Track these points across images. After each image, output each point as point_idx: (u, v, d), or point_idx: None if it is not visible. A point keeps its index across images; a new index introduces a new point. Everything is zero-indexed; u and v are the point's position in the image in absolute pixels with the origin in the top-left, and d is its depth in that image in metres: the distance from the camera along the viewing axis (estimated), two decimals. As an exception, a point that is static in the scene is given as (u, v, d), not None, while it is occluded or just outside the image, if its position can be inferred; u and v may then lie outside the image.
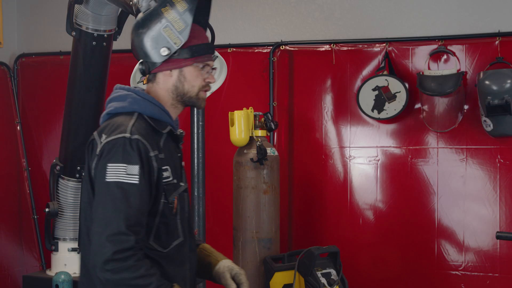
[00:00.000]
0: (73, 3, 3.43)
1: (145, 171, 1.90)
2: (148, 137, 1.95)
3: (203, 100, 2.10)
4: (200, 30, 2.10)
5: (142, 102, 2.03)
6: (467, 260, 4.03)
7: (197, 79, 2.07)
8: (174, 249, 2.01)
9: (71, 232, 3.99)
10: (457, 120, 4.01)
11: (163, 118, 2.04)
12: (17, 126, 4.95)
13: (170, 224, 2.00)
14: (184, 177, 2.12)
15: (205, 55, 2.07)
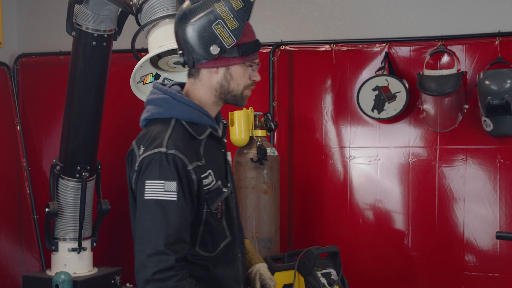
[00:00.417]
0: (73, 3, 3.43)
1: (184, 186, 1.84)
2: (186, 147, 1.89)
3: (246, 98, 2.05)
4: (249, 26, 2.01)
5: (179, 107, 1.95)
6: (467, 260, 4.03)
7: (243, 77, 2.01)
8: (222, 250, 1.99)
9: (71, 232, 3.99)
10: (457, 120, 4.01)
11: (202, 121, 1.97)
12: (17, 126, 4.95)
13: (216, 230, 1.97)
14: (229, 173, 2.07)
15: (255, 53, 2.00)
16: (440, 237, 4.09)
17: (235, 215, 2.05)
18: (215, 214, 1.94)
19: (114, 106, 4.51)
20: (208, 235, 1.94)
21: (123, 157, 4.34)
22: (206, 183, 1.91)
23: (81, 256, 4.01)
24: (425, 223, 4.12)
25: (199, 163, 1.90)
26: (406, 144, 4.16)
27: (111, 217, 4.33)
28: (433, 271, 4.10)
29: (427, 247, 4.11)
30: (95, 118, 3.88)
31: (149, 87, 2.84)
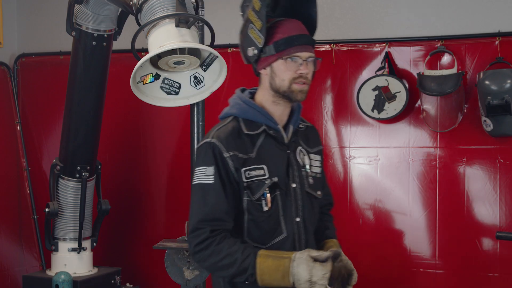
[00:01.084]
0: (73, 3, 3.43)
1: (221, 171, 2.05)
2: (230, 139, 2.08)
3: (298, 92, 2.13)
4: (291, 23, 2.12)
5: (239, 106, 2.18)
6: (467, 260, 4.03)
7: (286, 72, 2.11)
8: (277, 244, 2.09)
9: (71, 232, 4.00)
10: (457, 120, 4.00)
11: (257, 119, 2.14)
12: (17, 126, 4.95)
13: (261, 222, 2.09)
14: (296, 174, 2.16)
15: (292, 47, 2.08)
16: (440, 237, 4.09)
17: (293, 214, 2.13)
18: (259, 206, 2.08)
19: (114, 106, 4.51)
20: (254, 226, 2.10)
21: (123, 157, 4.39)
22: (250, 175, 2.08)
23: (81, 256, 4.01)
24: (425, 223, 4.12)
25: (242, 155, 2.08)
26: (406, 144, 4.16)
27: (111, 217, 4.34)
28: (433, 271, 4.10)
29: (427, 247, 4.11)
30: (95, 118, 3.88)
31: (149, 87, 2.84)
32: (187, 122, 3.32)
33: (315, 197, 2.23)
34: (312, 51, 2.14)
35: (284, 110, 2.20)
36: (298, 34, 2.11)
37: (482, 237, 4.00)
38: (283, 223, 2.12)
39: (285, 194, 2.13)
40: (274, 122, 2.17)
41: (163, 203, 4.74)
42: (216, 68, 2.87)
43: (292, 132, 2.21)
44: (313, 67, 2.16)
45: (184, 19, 2.73)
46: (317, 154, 2.29)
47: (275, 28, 2.13)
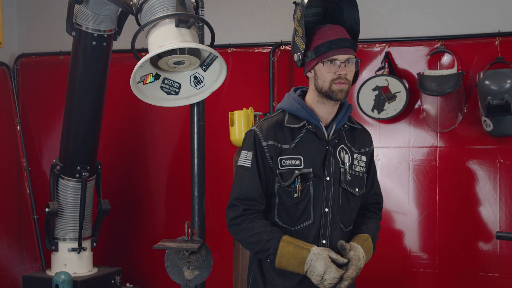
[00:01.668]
0: (73, 3, 3.43)
1: (258, 157, 2.33)
2: (272, 129, 2.34)
3: (338, 91, 2.31)
4: (331, 29, 2.33)
5: (288, 101, 2.42)
6: (467, 260, 4.03)
7: (326, 74, 2.31)
8: (304, 229, 2.33)
9: (71, 232, 4.00)
10: (457, 120, 4.01)
11: (300, 114, 2.37)
12: (17, 126, 4.95)
13: (290, 206, 2.33)
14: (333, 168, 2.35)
15: (330, 51, 2.28)
16: (440, 237, 4.09)
17: (323, 205, 2.33)
18: (289, 192, 2.32)
19: (114, 106, 4.51)
20: (283, 209, 2.35)
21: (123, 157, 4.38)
22: (285, 163, 2.32)
23: (81, 256, 4.01)
24: (425, 223, 4.12)
25: (280, 145, 2.33)
26: (406, 144, 4.16)
27: (111, 217, 4.34)
28: (433, 271, 4.10)
29: (427, 247, 4.11)
30: (95, 118, 3.88)
31: (149, 87, 2.84)
32: (187, 122, 3.32)
33: (352, 194, 2.40)
34: (351, 53, 2.31)
35: (329, 109, 2.38)
36: (336, 39, 2.30)
37: (482, 237, 4.00)
38: (312, 210, 2.33)
39: (317, 185, 2.33)
40: (316, 119, 2.36)
41: (163, 203, 4.74)
42: (216, 68, 2.87)
43: (335, 130, 2.38)
44: (354, 67, 2.34)
45: (184, 19, 2.73)
46: (362, 155, 2.45)
47: (317, 35, 2.34)
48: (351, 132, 2.45)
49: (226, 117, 3.78)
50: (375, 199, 2.55)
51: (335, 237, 2.35)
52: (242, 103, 3.85)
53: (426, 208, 4.12)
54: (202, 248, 2.48)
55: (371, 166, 2.50)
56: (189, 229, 2.50)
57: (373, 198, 2.54)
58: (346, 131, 2.43)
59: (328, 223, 2.35)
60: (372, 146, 2.51)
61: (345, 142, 2.42)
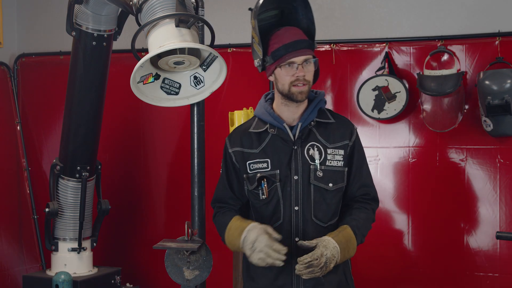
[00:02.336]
0: (73, 3, 3.43)
1: (227, 163, 2.49)
2: (239, 136, 2.47)
3: (298, 93, 2.36)
4: (286, 31, 2.37)
5: (258, 107, 2.51)
6: (467, 260, 4.03)
7: (285, 77, 2.35)
8: (276, 229, 2.36)
9: (71, 232, 4.00)
10: (457, 120, 4.01)
11: (264, 118, 2.45)
12: (17, 126, 4.95)
13: (260, 208, 2.43)
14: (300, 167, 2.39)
15: (286, 54, 2.32)
16: (440, 237, 4.09)
17: (292, 203, 2.38)
18: (256, 194, 2.42)
19: (114, 106, 4.51)
20: (255, 211, 2.47)
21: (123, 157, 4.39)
22: (253, 167, 2.42)
23: (81, 256, 4.01)
24: (425, 223, 4.12)
25: (246, 150, 2.43)
26: (406, 144, 4.16)
27: (111, 217, 4.34)
28: (433, 271, 4.10)
29: (427, 247, 4.11)
30: (95, 118, 3.88)
31: (149, 87, 2.84)
32: (187, 122, 3.31)
33: (325, 189, 2.40)
34: (308, 54, 2.34)
35: (293, 110, 2.42)
36: (291, 41, 2.33)
37: (482, 237, 4.00)
38: (282, 210, 2.40)
39: (285, 185, 2.38)
40: (279, 121, 2.41)
41: (163, 203, 4.74)
42: (216, 68, 2.87)
43: (300, 129, 2.40)
44: (312, 67, 2.36)
45: (184, 19, 2.73)
46: (339, 149, 2.43)
47: (273, 39, 2.37)
48: (325, 127, 2.45)
49: (226, 117, 3.78)
50: (364, 191, 2.51)
51: (308, 233, 2.38)
52: (242, 103, 3.85)
53: (426, 208, 4.12)
54: (202, 248, 2.48)
55: (353, 159, 2.47)
56: (189, 229, 2.50)
57: (361, 190, 2.51)
58: (318, 127, 2.44)
59: (299, 221, 2.39)
60: (352, 139, 2.47)
61: (317, 138, 2.43)
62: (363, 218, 2.46)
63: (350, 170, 2.47)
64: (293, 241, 2.38)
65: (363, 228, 2.45)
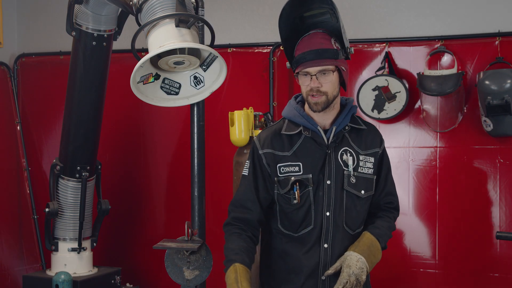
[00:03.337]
0: (73, 3, 3.43)
1: (255, 165, 2.38)
2: (270, 137, 2.37)
3: (313, 104, 2.31)
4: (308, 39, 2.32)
5: (288, 108, 2.42)
6: (467, 260, 4.03)
7: (302, 86, 2.32)
8: (305, 234, 2.33)
9: (71, 232, 4.00)
10: (457, 120, 4.01)
11: (297, 120, 2.37)
12: (17, 126, 4.95)
13: (290, 212, 2.34)
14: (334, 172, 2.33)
15: (301, 64, 2.29)
16: (440, 237, 4.09)
17: (324, 209, 2.32)
18: (288, 199, 2.33)
19: (114, 106, 4.51)
20: (284, 216, 2.36)
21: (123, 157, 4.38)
22: (284, 170, 2.33)
23: (81, 256, 4.01)
24: (425, 223, 4.12)
25: (278, 152, 2.35)
26: (406, 144, 4.16)
27: (111, 217, 4.34)
28: (433, 271, 4.10)
29: (427, 247, 4.11)
30: (95, 118, 3.88)
31: (149, 87, 2.84)
32: (187, 122, 3.32)
33: (358, 196, 2.36)
34: (325, 64, 2.27)
35: (323, 115, 2.36)
36: (308, 51, 2.29)
37: (482, 237, 4.00)
38: (313, 215, 2.33)
39: (317, 190, 2.32)
40: (313, 124, 2.35)
41: (163, 203, 4.74)
42: (216, 68, 2.87)
43: (335, 133, 2.35)
44: (331, 78, 2.29)
45: (184, 19, 2.73)
46: (369, 156, 2.40)
47: (300, 43, 2.35)
48: (357, 134, 2.42)
49: (226, 117, 3.78)
50: (388, 199, 2.50)
51: (337, 240, 2.34)
52: (242, 103, 3.85)
53: (426, 208, 4.12)
54: (202, 248, 2.48)
55: (382, 167, 2.46)
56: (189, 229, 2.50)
57: (386, 198, 2.50)
58: (351, 133, 2.40)
59: (330, 227, 2.33)
60: (382, 146, 2.46)
61: (350, 144, 2.39)
62: (385, 227, 2.44)
63: (378, 178, 2.45)
64: (321, 247, 2.33)
65: (385, 236, 2.43)
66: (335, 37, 2.34)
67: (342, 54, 2.33)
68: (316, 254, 2.32)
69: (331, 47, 2.30)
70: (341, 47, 2.34)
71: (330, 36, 2.33)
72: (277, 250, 2.41)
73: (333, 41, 2.32)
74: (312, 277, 2.33)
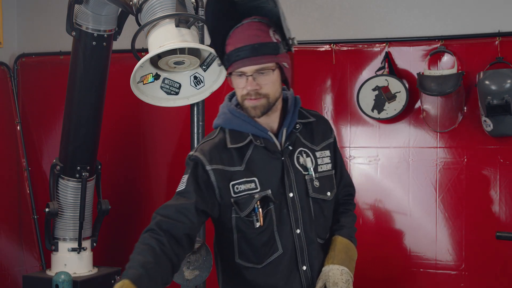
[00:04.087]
0: (73, 3, 3.43)
1: (197, 180, 1.95)
2: (215, 152, 1.97)
3: (251, 108, 1.94)
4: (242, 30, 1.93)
5: (224, 116, 2.02)
6: (467, 260, 4.03)
7: (237, 89, 1.96)
8: (274, 263, 1.97)
9: (71, 232, 4.00)
10: (457, 120, 4.01)
11: (242, 129, 1.99)
12: (17, 126, 4.95)
13: (252, 239, 1.96)
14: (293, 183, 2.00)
15: (236, 62, 1.90)
16: (440, 237, 4.09)
17: (292, 227, 1.99)
18: (250, 222, 1.95)
19: (114, 106, 4.51)
20: (245, 245, 1.97)
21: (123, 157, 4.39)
22: (239, 189, 1.94)
23: (81, 256, 4.01)
24: (425, 223, 4.12)
25: (229, 168, 1.95)
26: (406, 144, 4.16)
27: (111, 217, 4.34)
28: (433, 271, 4.10)
29: (427, 247, 4.11)
30: (95, 118, 3.88)
31: (149, 87, 2.84)
32: (187, 122, 3.32)
33: (324, 200, 2.06)
34: (262, 62, 1.88)
35: (270, 116, 2.00)
36: (242, 46, 1.89)
37: (482, 237, 4.00)
38: (277, 238, 1.97)
39: (280, 207, 1.97)
40: (263, 130, 1.99)
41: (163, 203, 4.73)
42: (216, 68, 2.87)
43: (286, 135, 2.02)
44: (271, 77, 1.92)
45: (184, 19, 2.73)
46: (325, 150, 2.10)
47: (231, 36, 1.94)
48: (306, 129, 2.08)
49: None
50: (347, 191, 2.24)
51: (314, 257, 2.03)
52: (242, 103, 3.84)
53: (426, 208, 4.11)
54: (202, 248, 2.48)
55: (336, 158, 2.16)
56: (189, 229, 2.49)
57: (344, 190, 2.22)
58: (302, 130, 2.06)
59: (303, 246, 2.00)
60: (333, 135, 2.15)
61: (303, 142, 2.06)
62: (350, 222, 2.17)
63: (335, 172, 2.16)
64: (300, 270, 2.00)
65: (353, 232, 2.15)
66: (274, 27, 1.94)
67: (284, 47, 1.93)
68: (297, 280, 2.00)
69: (270, 39, 1.90)
70: (281, 39, 1.93)
71: (268, 26, 1.93)
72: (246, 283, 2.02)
73: (272, 32, 1.93)
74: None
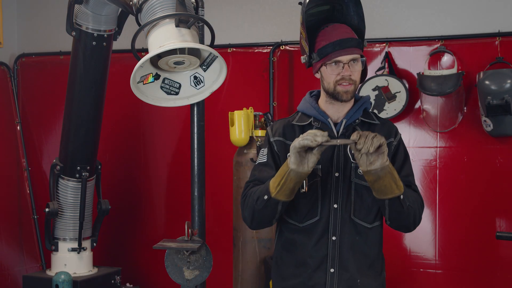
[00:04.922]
0: (73, 3, 3.43)
1: (270, 151, 2.39)
2: (282, 127, 2.40)
3: (343, 93, 2.31)
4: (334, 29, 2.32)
5: (302, 102, 2.45)
6: (467, 260, 4.03)
7: (330, 76, 2.31)
8: (310, 225, 2.33)
9: (71, 232, 4.00)
10: (457, 120, 4.01)
11: (308, 112, 2.40)
12: (17, 126, 4.95)
13: (297, 202, 2.32)
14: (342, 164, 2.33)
15: (332, 53, 2.28)
16: (440, 237, 4.09)
17: (331, 201, 2.32)
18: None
19: (114, 106, 4.51)
20: (291, 205, 2.32)
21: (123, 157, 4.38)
22: None
23: (81, 256, 4.01)
24: (425, 223, 4.12)
25: (288, 141, 2.35)
26: (406, 144, 4.12)
27: (111, 217, 4.34)
28: (433, 271, 4.10)
29: (427, 247, 4.11)
30: (95, 118, 3.88)
31: (149, 87, 2.84)
32: (187, 122, 3.32)
33: (365, 186, 2.32)
34: (355, 53, 2.29)
35: (339, 108, 2.37)
36: (338, 40, 2.29)
37: (482, 237, 4.00)
38: (319, 207, 2.32)
39: (326, 182, 2.32)
40: (324, 116, 2.37)
41: (163, 203, 4.74)
42: (216, 68, 2.87)
43: (345, 126, 2.36)
44: (359, 67, 2.31)
45: (184, 19, 2.73)
46: None
47: (320, 36, 2.34)
48: (368, 128, 2.41)
49: (226, 117, 3.78)
50: (407, 181, 2.39)
51: (345, 233, 2.31)
52: (242, 103, 3.85)
53: (426, 208, 4.11)
54: (202, 248, 2.48)
55: (396, 157, 2.46)
56: (189, 229, 2.50)
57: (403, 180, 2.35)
58: (362, 127, 2.40)
59: (337, 219, 2.32)
60: (397, 138, 2.52)
61: None
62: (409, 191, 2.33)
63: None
64: (330, 239, 2.31)
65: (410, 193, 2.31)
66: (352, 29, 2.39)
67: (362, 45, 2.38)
68: (324, 246, 2.31)
69: (355, 37, 2.33)
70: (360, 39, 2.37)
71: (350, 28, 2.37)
72: (285, 242, 2.39)
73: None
74: (320, 270, 2.30)
